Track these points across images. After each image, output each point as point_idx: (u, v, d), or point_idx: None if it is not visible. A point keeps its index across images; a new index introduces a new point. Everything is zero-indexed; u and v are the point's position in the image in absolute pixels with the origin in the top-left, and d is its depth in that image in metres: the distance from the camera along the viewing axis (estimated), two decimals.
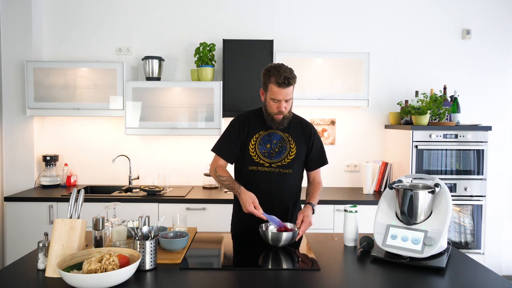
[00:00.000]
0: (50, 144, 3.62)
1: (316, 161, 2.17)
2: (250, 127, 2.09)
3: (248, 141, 2.07)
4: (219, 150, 2.12)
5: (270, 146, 2.06)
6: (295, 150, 2.07)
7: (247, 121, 2.10)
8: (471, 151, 3.16)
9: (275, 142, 2.07)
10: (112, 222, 1.87)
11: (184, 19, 3.61)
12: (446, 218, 1.64)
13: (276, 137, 2.08)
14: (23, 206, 3.07)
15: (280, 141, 2.07)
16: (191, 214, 3.04)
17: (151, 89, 3.31)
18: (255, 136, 2.07)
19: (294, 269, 1.62)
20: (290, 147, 2.07)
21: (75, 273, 1.37)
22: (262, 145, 2.06)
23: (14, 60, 3.38)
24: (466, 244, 3.21)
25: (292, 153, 2.07)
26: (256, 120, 2.10)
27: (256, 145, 2.06)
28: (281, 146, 2.07)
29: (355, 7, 3.61)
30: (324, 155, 2.19)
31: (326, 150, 2.22)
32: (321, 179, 2.21)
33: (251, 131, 2.08)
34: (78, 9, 3.59)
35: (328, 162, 2.21)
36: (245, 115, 2.14)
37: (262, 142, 2.07)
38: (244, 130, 2.08)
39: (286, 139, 2.08)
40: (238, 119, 2.13)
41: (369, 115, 3.66)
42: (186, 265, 1.61)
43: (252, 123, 2.10)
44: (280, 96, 1.95)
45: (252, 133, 2.08)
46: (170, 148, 3.65)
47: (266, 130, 2.08)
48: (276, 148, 2.06)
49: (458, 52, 3.64)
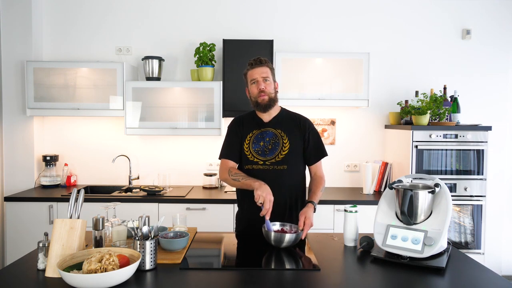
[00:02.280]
0: (50, 144, 3.62)
1: (315, 154, 2.16)
2: (244, 127, 2.14)
3: (243, 141, 2.12)
4: (227, 155, 2.14)
5: (264, 143, 2.09)
6: (288, 145, 2.08)
7: (241, 122, 2.17)
8: (471, 151, 3.16)
9: (267, 140, 2.09)
10: (112, 222, 1.87)
11: (184, 19, 3.61)
12: (446, 218, 1.64)
13: (268, 135, 2.10)
14: (23, 206, 3.07)
15: (272, 138, 2.09)
16: (191, 214, 3.04)
17: (151, 89, 3.31)
18: (248, 135, 2.12)
19: (294, 269, 1.62)
20: (283, 142, 2.08)
21: (75, 273, 1.37)
22: (255, 144, 2.09)
23: (14, 60, 3.39)
24: (466, 244, 3.21)
25: (285, 149, 2.07)
26: (250, 120, 2.16)
27: (250, 144, 2.10)
28: (274, 143, 2.09)
29: (355, 7, 3.62)
30: (322, 147, 2.19)
31: (326, 150, 2.21)
32: (323, 173, 2.20)
33: (245, 131, 2.13)
34: (78, 9, 3.59)
35: (327, 154, 2.20)
36: (240, 116, 2.22)
37: (256, 140, 2.10)
38: (240, 130, 2.14)
39: (279, 135, 2.10)
40: (234, 121, 2.21)
41: (369, 115, 3.66)
42: (186, 265, 1.61)
43: (246, 123, 2.15)
44: (256, 75, 2.06)
45: (246, 133, 2.13)
46: (170, 148, 3.65)
47: (259, 129, 2.12)
48: (269, 145, 2.08)
49: (458, 52, 3.64)
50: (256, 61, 2.08)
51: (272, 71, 2.12)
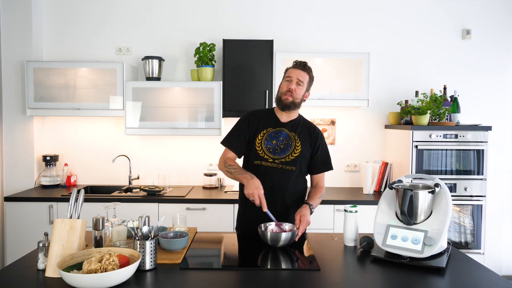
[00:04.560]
0: (50, 144, 3.62)
1: (320, 165, 2.19)
2: (260, 122, 2.15)
3: (256, 135, 2.13)
4: (228, 142, 2.18)
5: (276, 142, 2.11)
6: (300, 149, 2.11)
7: (257, 117, 2.17)
8: (471, 151, 3.16)
9: (281, 139, 2.11)
10: (112, 222, 1.87)
11: (184, 19, 3.61)
12: (446, 218, 1.64)
13: (282, 135, 2.12)
14: (23, 206, 3.07)
15: (286, 139, 2.12)
16: (191, 214, 3.04)
17: (151, 89, 3.31)
18: (262, 132, 2.13)
19: (294, 269, 1.62)
20: (295, 145, 2.11)
21: (75, 273, 1.37)
22: (268, 141, 2.11)
23: (14, 60, 3.38)
24: (466, 244, 3.21)
25: (296, 151, 2.10)
26: (267, 117, 2.17)
27: (262, 140, 2.11)
28: (286, 144, 2.11)
29: (355, 7, 3.61)
30: (329, 161, 2.22)
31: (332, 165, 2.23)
32: (324, 184, 2.22)
33: (260, 126, 2.14)
34: (78, 9, 3.59)
35: (332, 168, 2.24)
36: (257, 111, 2.22)
37: (269, 138, 2.12)
38: (254, 124, 2.15)
39: (293, 137, 2.12)
40: (249, 114, 2.20)
41: (369, 115, 3.66)
42: (186, 265, 1.61)
43: (263, 119, 2.16)
44: (293, 74, 2.09)
45: (260, 129, 2.14)
46: (170, 148, 3.65)
47: (275, 128, 2.14)
48: (281, 145, 2.10)
49: (458, 52, 3.64)
50: (301, 64, 2.11)
51: (311, 80, 2.14)
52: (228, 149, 2.16)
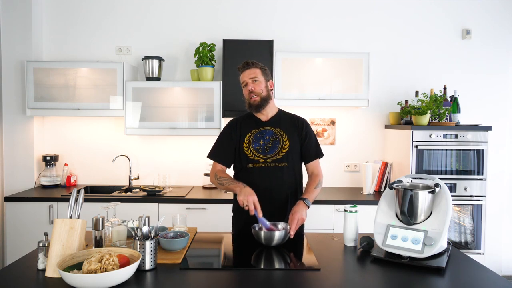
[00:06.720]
0: (50, 144, 3.62)
1: (311, 153, 2.18)
2: (242, 128, 2.16)
3: (242, 141, 2.13)
4: (214, 155, 2.21)
5: (263, 142, 2.12)
6: (288, 143, 2.11)
7: (238, 124, 2.19)
8: (471, 151, 3.16)
9: (267, 138, 2.12)
10: (112, 222, 1.87)
11: (184, 19, 3.61)
12: (446, 218, 1.64)
13: (268, 133, 2.13)
14: (23, 206, 3.07)
15: (272, 136, 2.12)
16: (191, 214, 3.04)
17: (151, 89, 3.31)
18: (247, 135, 2.14)
19: (294, 269, 1.62)
20: (282, 140, 2.12)
21: (75, 273, 1.37)
22: (255, 142, 2.12)
23: (14, 60, 3.38)
24: (466, 244, 3.21)
25: (285, 146, 2.11)
26: (247, 121, 2.19)
27: (249, 143, 2.12)
28: (274, 141, 2.11)
29: (355, 7, 3.61)
30: (318, 147, 2.22)
31: (326, 150, 2.25)
32: (321, 171, 2.20)
33: (243, 131, 2.15)
34: (78, 9, 3.59)
35: (323, 154, 2.23)
36: (236, 118, 2.24)
37: (255, 139, 2.12)
38: (236, 132, 2.16)
39: (278, 133, 2.13)
40: (229, 124, 2.23)
41: (369, 115, 3.66)
42: (186, 265, 1.61)
43: (244, 124, 2.17)
44: (245, 77, 2.11)
45: (244, 133, 2.15)
46: (170, 148, 3.65)
47: (258, 128, 2.15)
48: (269, 143, 2.11)
49: (458, 52, 3.64)
50: (244, 65, 2.13)
51: (263, 70, 2.13)
52: (216, 163, 2.19)
